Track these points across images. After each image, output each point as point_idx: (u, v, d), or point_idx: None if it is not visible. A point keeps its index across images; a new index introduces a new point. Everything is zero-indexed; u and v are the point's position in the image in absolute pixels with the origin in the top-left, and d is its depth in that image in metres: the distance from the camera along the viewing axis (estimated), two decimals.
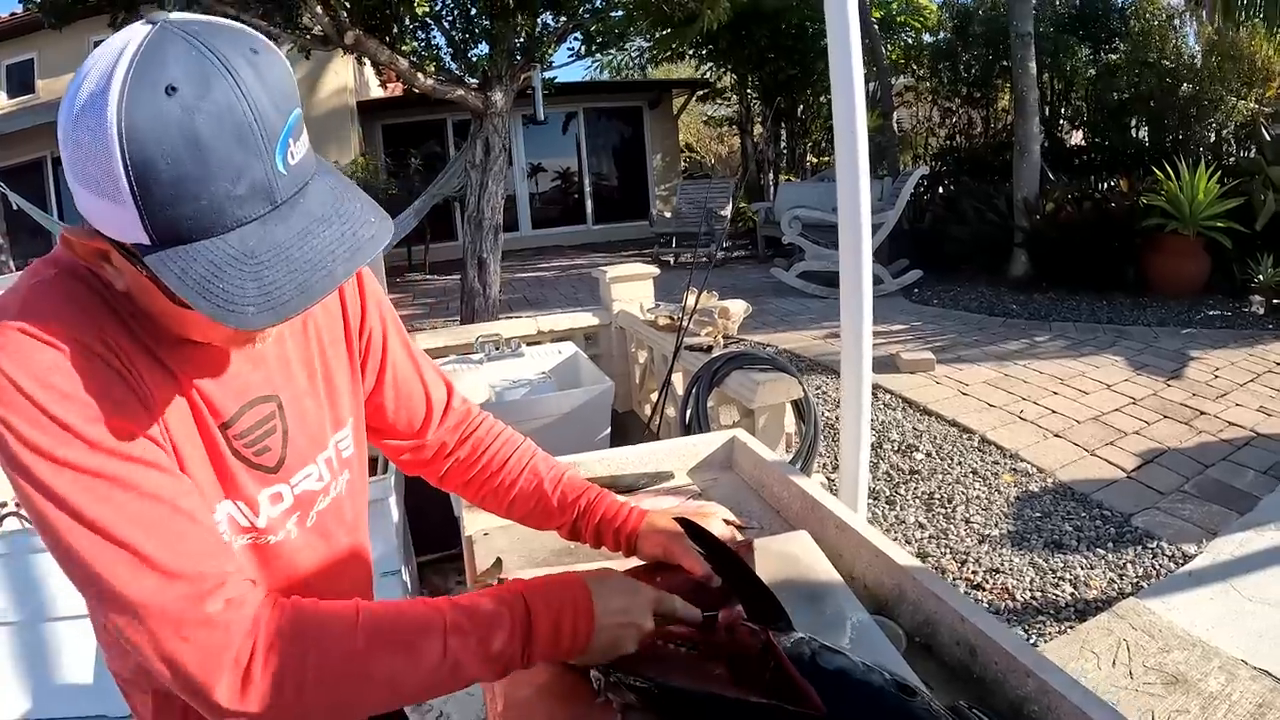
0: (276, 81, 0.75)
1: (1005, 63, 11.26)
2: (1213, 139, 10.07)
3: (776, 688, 1.01)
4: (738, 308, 4.03)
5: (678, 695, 1.03)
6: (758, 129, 17.38)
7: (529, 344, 4.65)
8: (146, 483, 0.79)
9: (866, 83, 2.55)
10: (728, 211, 12.80)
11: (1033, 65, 9.29)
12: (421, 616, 0.87)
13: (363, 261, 0.78)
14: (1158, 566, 3.60)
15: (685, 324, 3.84)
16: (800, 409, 3.35)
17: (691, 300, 3.89)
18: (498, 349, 4.45)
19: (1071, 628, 3.19)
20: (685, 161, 20.06)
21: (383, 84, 17.39)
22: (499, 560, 1.37)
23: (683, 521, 1.25)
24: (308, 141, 0.80)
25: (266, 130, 0.72)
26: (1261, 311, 7.49)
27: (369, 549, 1.25)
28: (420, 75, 6.53)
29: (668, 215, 14.07)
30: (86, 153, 0.69)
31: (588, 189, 17.35)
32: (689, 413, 3.42)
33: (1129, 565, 3.62)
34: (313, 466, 1.05)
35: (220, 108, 0.70)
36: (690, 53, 16.77)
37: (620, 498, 1.35)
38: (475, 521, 1.74)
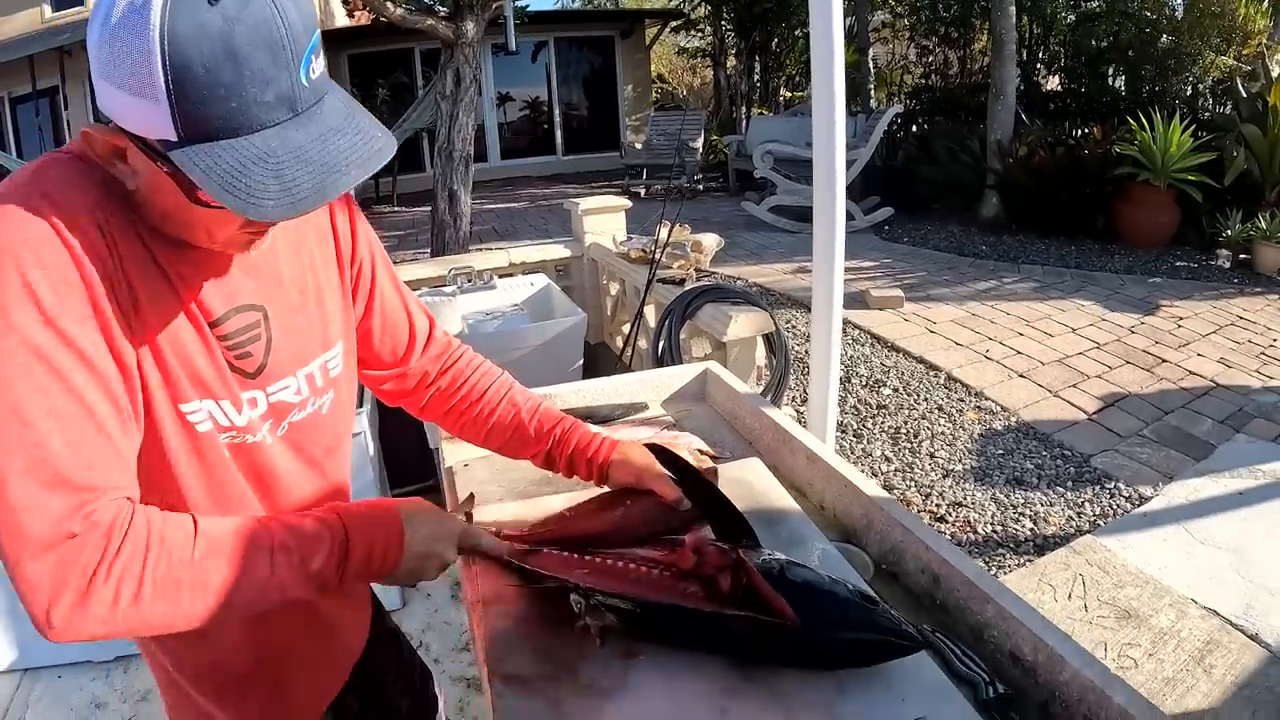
0: (304, 2, 0.81)
1: (984, 4, 11.16)
2: (1189, 93, 10.07)
3: (749, 602, 1.04)
4: (710, 241, 4.03)
5: (656, 613, 1.06)
6: (731, 61, 17.20)
7: (501, 276, 4.64)
8: (77, 377, 0.81)
9: (844, 17, 2.53)
10: (699, 144, 12.69)
11: (1012, 8, 9.22)
12: (252, 533, 0.91)
13: (374, 168, 0.84)
14: (1114, 506, 3.69)
15: (658, 257, 3.84)
16: (771, 343, 3.38)
17: (664, 233, 3.88)
18: (470, 281, 4.44)
19: (1030, 561, 3.28)
20: (657, 93, 19.82)
21: (349, 13, 16.92)
22: (471, 495, 1.40)
23: (653, 447, 1.29)
24: (324, 61, 0.86)
25: (294, 45, 0.79)
26: (1228, 266, 7.55)
27: (348, 477, 1.27)
28: (390, 4, 6.39)
29: (639, 146, 13.92)
30: (124, 53, 0.74)
31: (558, 119, 17.12)
32: (661, 345, 3.44)
33: (1087, 504, 3.72)
34: (291, 380, 1.08)
35: (257, 21, 0.75)
36: None
37: (594, 428, 1.39)
38: (455, 453, 1.76)
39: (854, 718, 0.96)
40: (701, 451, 1.67)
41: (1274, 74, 8.02)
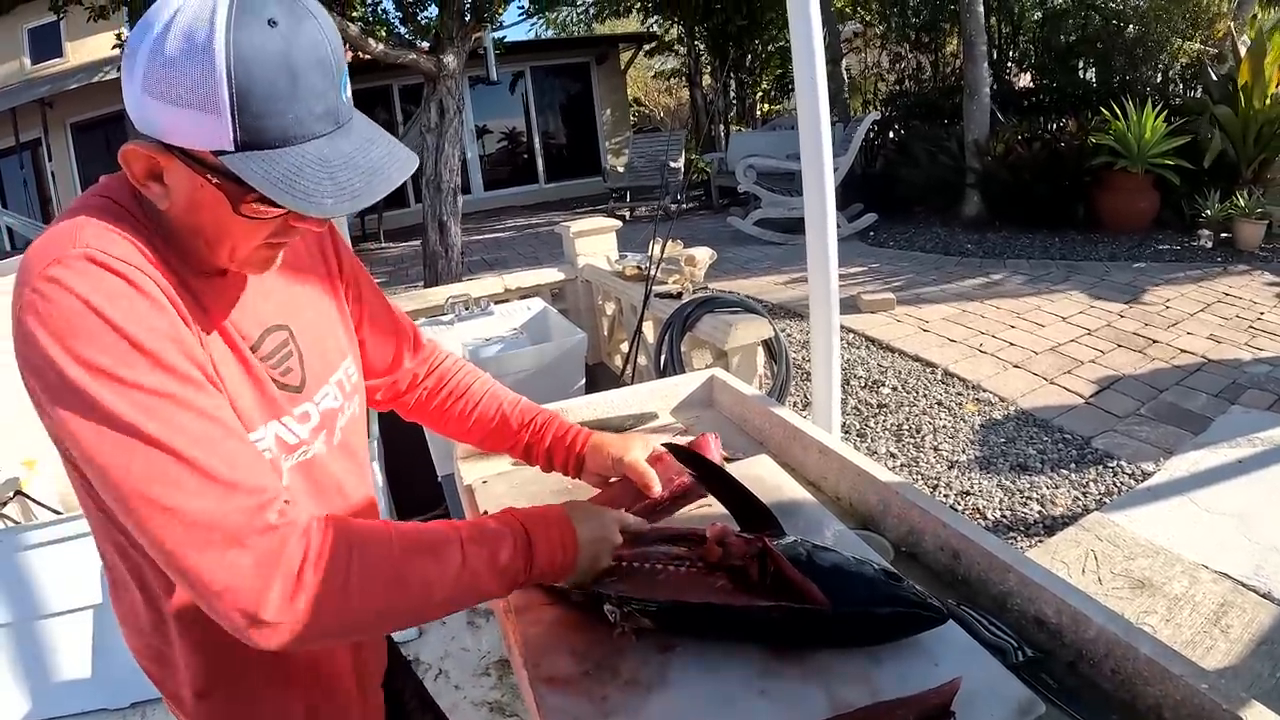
0: (336, 30, 0.89)
1: (953, 7, 11.26)
2: (1159, 80, 10.18)
3: (778, 590, 1.07)
4: (703, 254, 4.07)
5: (691, 613, 1.08)
6: (706, 80, 17.30)
7: (497, 302, 4.65)
8: (202, 402, 0.85)
9: None
10: (680, 163, 12.76)
11: (980, 9, 9.33)
12: (440, 530, 0.96)
13: (409, 172, 0.92)
14: (1118, 484, 3.75)
15: (653, 273, 3.88)
16: (771, 349, 3.41)
17: (658, 249, 3.91)
18: (467, 309, 4.45)
19: (1041, 541, 3.33)
20: (634, 116, 19.90)
21: None
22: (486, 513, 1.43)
23: (670, 446, 1.34)
24: None
25: (337, 65, 0.87)
26: (1210, 245, 7.63)
27: (372, 489, 1.30)
28: (371, 40, 6.43)
29: (621, 170, 14.00)
30: (184, 70, 0.80)
31: (538, 148, 17.19)
32: (663, 358, 3.47)
33: (1091, 484, 3.77)
34: (328, 387, 1.13)
35: (310, 42, 0.84)
36: (636, 5, 16.65)
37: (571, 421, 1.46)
38: (472, 471, 1.77)
39: (892, 685, 0.99)
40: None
41: (1241, 54, 8.12)
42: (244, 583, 0.80)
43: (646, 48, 18.42)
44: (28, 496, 3.13)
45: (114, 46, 6.83)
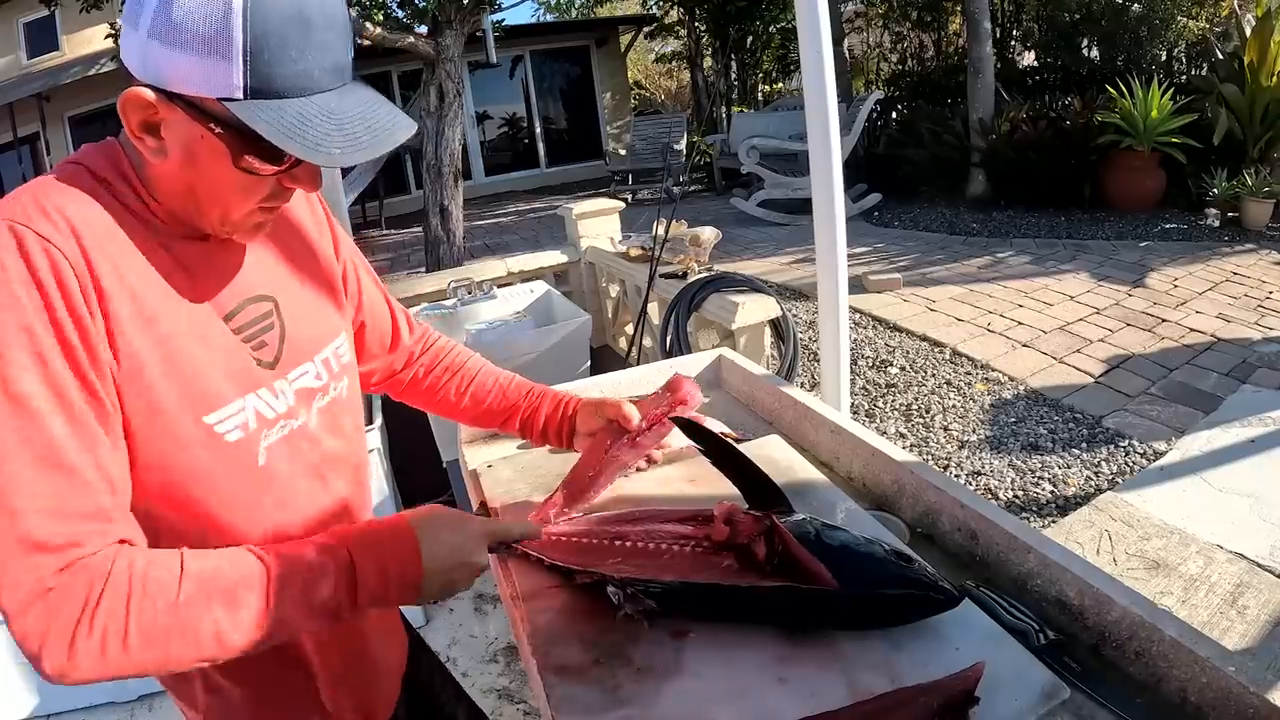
0: None
1: None
2: (1164, 58, 10.12)
3: (786, 569, 1.05)
4: (708, 234, 4.03)
5: (695, 594, 1.06)
6: (708, 62, 17.24)
7: (500, 286, 4.63)
8: (54, 422, 0.80)
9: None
10: (682, 145, 12.70)
11: None
12: (244, 568, 0.88)
13: (410, 133, 0.93)
14: (1131, 463, 3.72)
15: (658, 253, 3.84)
16: (779, 328, 3.38)
17: (662, 230, 3.88)
18: (470, 293, 4.42)
19: (1054, 522, 3.30)
20: (635, 99, 19.83)
21: None
22: (483, 504, 1.39)
23: (677, 420, 1.32)
24: None
25: (347, 26, 0.90)
26: (1217, 224, 7.58)
27: (368, 468, 1.26)
28: (368, 24, 6.38)
29: (622, 153, 13.95)
30: (197, 16, 0.80)
31: (538, 132, 17.12)
32: (669, 338, 3.44)
33: (1103, 463, 3.74)
34: (310, 365, 1.09)
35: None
36: None
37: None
38: (477, 455, 1.75)
39: (913, 671, 0.96)
40: (723, 434, 1.67)
41: (1247, 33, 8.05)
42: (29, 642, 0.77)
43: (646, 30, 18.33)
44: None
45: (107, 37, 6.78)
